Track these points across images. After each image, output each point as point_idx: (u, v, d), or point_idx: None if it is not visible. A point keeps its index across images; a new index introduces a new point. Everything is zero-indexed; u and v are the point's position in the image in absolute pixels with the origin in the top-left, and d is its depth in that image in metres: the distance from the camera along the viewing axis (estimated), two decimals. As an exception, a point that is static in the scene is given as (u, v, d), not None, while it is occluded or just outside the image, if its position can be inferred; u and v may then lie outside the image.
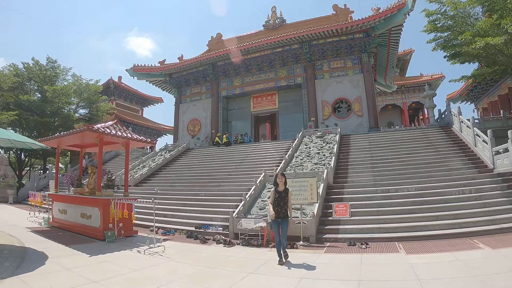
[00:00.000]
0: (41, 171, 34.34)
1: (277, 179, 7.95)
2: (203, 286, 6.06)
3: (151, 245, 9.52)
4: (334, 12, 31.79)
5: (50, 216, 14.48)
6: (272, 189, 8.08)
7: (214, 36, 37.59)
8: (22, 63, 32.19)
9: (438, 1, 20.28)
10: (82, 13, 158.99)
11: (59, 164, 18.49)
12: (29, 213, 16.78)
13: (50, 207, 14.93)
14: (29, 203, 19.17)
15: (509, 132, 12.95)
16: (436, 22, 21.17)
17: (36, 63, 32.44)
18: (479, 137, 15.52)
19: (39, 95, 32.42)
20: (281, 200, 7.75)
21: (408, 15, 23.35)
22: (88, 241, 10.59)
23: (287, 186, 8.05)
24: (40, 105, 30.25)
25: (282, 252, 7.56)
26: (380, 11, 24.26)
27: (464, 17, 20.34)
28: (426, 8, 20.87)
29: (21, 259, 7.74)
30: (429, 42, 22.63)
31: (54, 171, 19.95)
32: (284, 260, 7.48)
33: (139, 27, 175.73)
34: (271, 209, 7.77)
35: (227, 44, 33.30)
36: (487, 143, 14.55)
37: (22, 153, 32.12)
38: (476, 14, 20.45)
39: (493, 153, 13.96)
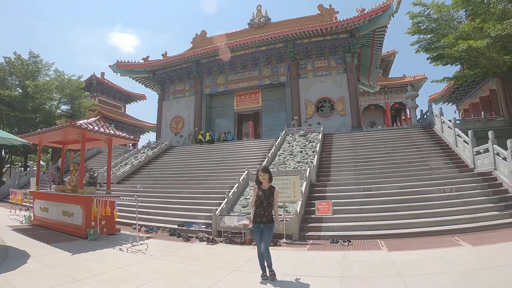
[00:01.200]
0: (22, 169, 33.80)
1: (259, 177, 6.32)
2: (187, 284, 6.02)
3: (134, 243, 9.42)
4: (319, 12, 31.92)
5: (32, 214, 14.19)
6: (254, 187, 6.46)
7: (199, 34, 37.38)
8: (3, 57, 31.70)
9: (422, 4, 20.61)
10: (65, 6, 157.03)
11: (40, 161, 18.24)
12: (10, 211, 16.50)
13: (31, 205, 14.66)
14: (10, 201, 18.88)
15: (489, 133, 13.21)
16: (420, 25, 21.54)
17: (18, 57, 31.89)
18: (460, 137, 15.78)
19: (21, 91, 31.85)
20: (264, 201, 6.14)
21: (393, 16, 23.57)
22: (70, 239, 10.44)
23: (272, 184, 6.46)
24: (22, 100, 29.72)
25: (267, 268, 6.08)
26: (365, 12, 24.42)
27: (447, 20, 20.74)
28: (410, 11, 21.26)
29: (2, 258, 7.59)
30: (412, 44, 23.02)
31: (35, 168, 19.67)
32: (268, 276, 6.02)
33: (124, 23, 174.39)
34: (253, 213, 6.36)
35: (211, 42, 33.18)
36: (468, 144, 14.80)
37: (3, 150, 31.58)
38: (459, 17, 20.91)
39: (474, 153, 14.22)
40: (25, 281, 6.00)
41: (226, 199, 12.75)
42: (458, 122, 19.08)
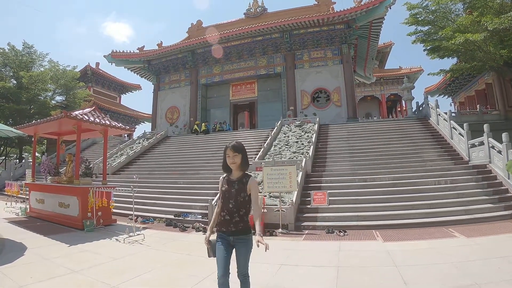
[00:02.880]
0: (17, 160, 33.64)
1: (227, 159, 3.89)
2: (184, 274, 6.04)
3: (131, 234, 9.43)
4: (316, 3, 31.69)
5: (28, 206, 14.16)
6: (221, 178, 4.08)
7: (194, 23, 37.11)
8: (-3, 48, 31.35)
9: (420, -5, 20.61)
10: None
11: (36, 152, 18.14)
12: (6, 204, 16.47)
13: (27, 196, 14.63)
14: (6, 193, 18.83)
15: (485, 126, 13.24)
16: (418, 16, 21.47)
17: (12, 48, 31.44)
18: (456, 130, 15.83)
19: (15, 82, 31.47)
20: (231, 198, 3.73)
21: (390, 8, 23.54)
22: (66, 231, 10.41)
23: (248, 172, 4.08)
24: (16, 92, 29.41)
25: None
26: (362, 3, 24.36)
27: (445, 12, 20.71)
28: (408, 2, 21.12)
29: (-1, 251, 7.61)
30: (409, 35, 22.96)
31: (31, 160, 19.58)
32: None
33: (117, 11, 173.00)
34: (213, 217, 3.95)
35: (207, 32, 32.92)
36: (463, 136, 14.85)
37: (-3, 142, 31.44)
38: (457, 10, 20.91)
39: (469, 145, 14.26)
40: (22, 274, 5.98)
41: (222, 189, 12.72)
42: (453, 114, 19.18)
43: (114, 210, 12.06)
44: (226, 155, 3.90)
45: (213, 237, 3.94)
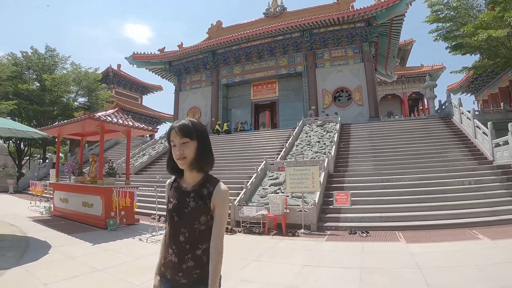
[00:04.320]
0: (41, 160, 34.30)
1: (172, 148, 2.12)
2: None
3: (154, 233, 9.55)
4: (336, 1, 31.49)
5: (51, 205, 14.49)
6: (167, 183, 2.38)
7: (214, 24, 37.34)
8: (20, 52, 31.91)
9: (441, -8, 20.31)
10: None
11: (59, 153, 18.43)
12: (30, 203, 16.78)
13: (51, 196, 14.94)
14: (30, 192, 19.19)
15: (509, 124, 12.97)
16: (439, 13, 21.17)
17: (35, 52, 32.15)
18: (479, 129, 15.55)
19: (38, 84, 32.20)
20: (184, 224, 2.06)
21: (410, 5, 23.21)
22: (90, 230, 10.65)
23: (212, 173, 2.22)
24: (39, 94, 30.09)
25: None
26: (382, 0, 24.12)
27: (467, 8, 20.41)
28: (429, -2, 20.87)
29: (24, 249, 7.79)
30: (431, 33, 22.67)
31: (55, 160, 19.88)
32: None
33: (137, 14, 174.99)
34: (160, 251, 2.46)
35: (227, 32, 33.17)
36: (487, 135, 14.58)
37: (22, 143, 32.05)
38: (479, 6, 20.57)
39: (493, 145, 14.00)
40: (47, 272, 6.12)
41: (244, 189, 12.79)
42: (477, 113, 18.79)
43: (137, 210, 12.24)
44: (171, 143, 2.14)
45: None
